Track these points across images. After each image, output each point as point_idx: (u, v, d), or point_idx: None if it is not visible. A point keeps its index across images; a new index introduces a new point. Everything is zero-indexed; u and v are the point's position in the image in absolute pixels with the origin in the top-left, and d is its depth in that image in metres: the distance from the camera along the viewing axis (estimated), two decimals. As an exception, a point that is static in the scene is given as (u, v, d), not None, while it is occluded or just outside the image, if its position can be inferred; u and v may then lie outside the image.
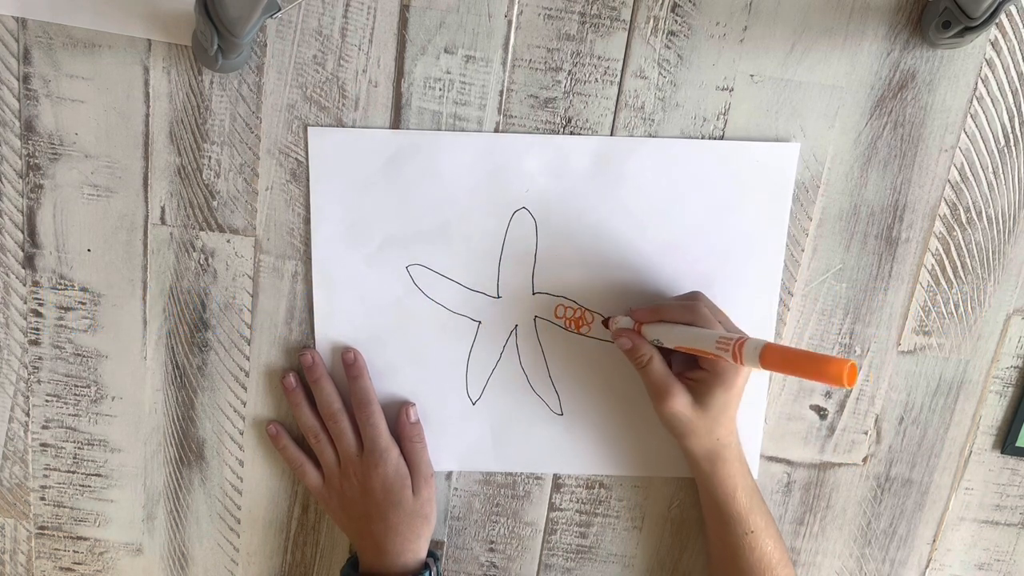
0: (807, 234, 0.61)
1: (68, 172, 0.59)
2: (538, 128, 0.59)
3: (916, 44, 0.58)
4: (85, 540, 0.67)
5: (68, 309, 0.62)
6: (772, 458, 0.65)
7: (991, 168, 0.60)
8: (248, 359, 0.63)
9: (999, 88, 0.58)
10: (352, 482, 0.61)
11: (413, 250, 0.60)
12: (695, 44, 0.57)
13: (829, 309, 0.62)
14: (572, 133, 0.59)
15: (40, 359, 0.63)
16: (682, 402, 0.56)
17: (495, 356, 0.62)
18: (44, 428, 0.65)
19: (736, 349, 0.50)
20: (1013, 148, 0.60)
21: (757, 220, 0.60)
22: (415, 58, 0.58)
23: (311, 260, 0.60)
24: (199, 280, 0.61)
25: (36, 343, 0.63)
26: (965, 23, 0.52)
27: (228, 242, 0.61)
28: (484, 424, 0.64)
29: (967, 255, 0.61)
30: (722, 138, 0.59)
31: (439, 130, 0.59)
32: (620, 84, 0.58)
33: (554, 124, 0.59)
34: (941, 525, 0.67)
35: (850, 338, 0.63)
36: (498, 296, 0.61)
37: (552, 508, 0.66)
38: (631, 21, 0.57)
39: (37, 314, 0.62)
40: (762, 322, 0.62)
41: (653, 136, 0.59)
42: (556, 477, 0.66)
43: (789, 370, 0.49)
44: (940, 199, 0.60)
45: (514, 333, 0.62)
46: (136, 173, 0.59)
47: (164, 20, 0.56)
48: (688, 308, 0.56)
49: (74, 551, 0.68)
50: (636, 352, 0.57)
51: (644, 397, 0.61)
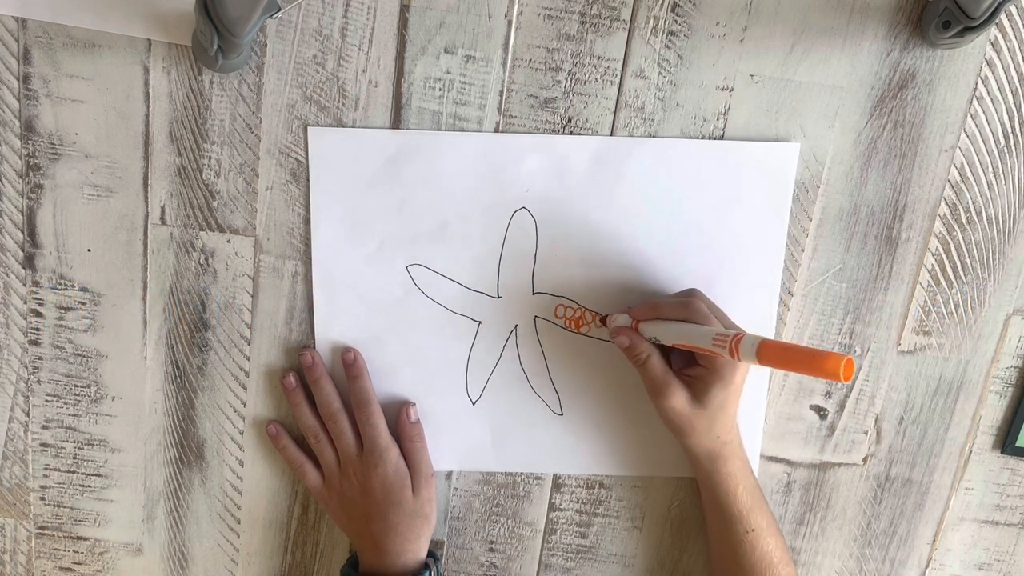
0: (807, 234, 0.61)
1: (68, 172, 0.59)
2: (538, 128, 0.59)
3: (916, 44, 0.58)
4: (85, 540, 0.67)
5: (68, 309, 0.62)
6: (772, 458, 0.65)
7: (991, 168, 0.60)
8: (248, 359, 0.63)
9: (999, 88, 0.58)
10: (352, 482, 0.61)
11: (413, 250, 0.60)
12: (695, 44, 0.57)
13: (829, 309, 0.62)
14: (572, 133, 0.59)
15: (40, 359, 0.63)
16: (680, 399, 0.56)
17: (495, 356, 0.62)
18: (44, 428, 0.65)
19: (733, 345, 0.50)
20: (1013, 148, 0.60)
21: (757, 220, 0.60)
22: (415, 58, 0.58)
23: (311, 260, 0.60)
24: (199, 280, 0.62)
25: (36, 343, 0.63)
26: (965, 23, 0.52)
27: (228, 242, 0.61)
28: (484, 424, 0.64)
29: (967, 255, 0.61)
30: (722, 138, 0.59)
31: (439, 130, 0.59)
32: (620, 84, 0.58)
33: (554, 124, 0.59)
34: (941, 525, 0.67)
35: (850, 338, 0.63)
36: (498, 296, 0.61)
37: (552, 508, 0.66)
38: (631, 21, 0.57)
39: (37, 314, 0.62)
40: (762, 322, 0.62)
41: (653, 136, 0.59)
42: (556, 477, 0.66)
43: (786, 365, 0.49)
44: (940, 199, 0.60)
45: (514, 333, 0.62)
46: (136, 173, 0.59)
47: (164, 20, 0.56)
48: (685, 305, 0.56)
49: (74, 551, 0.68)
50: (634, 350, 0.57)
51: (644, 397, 0.61)
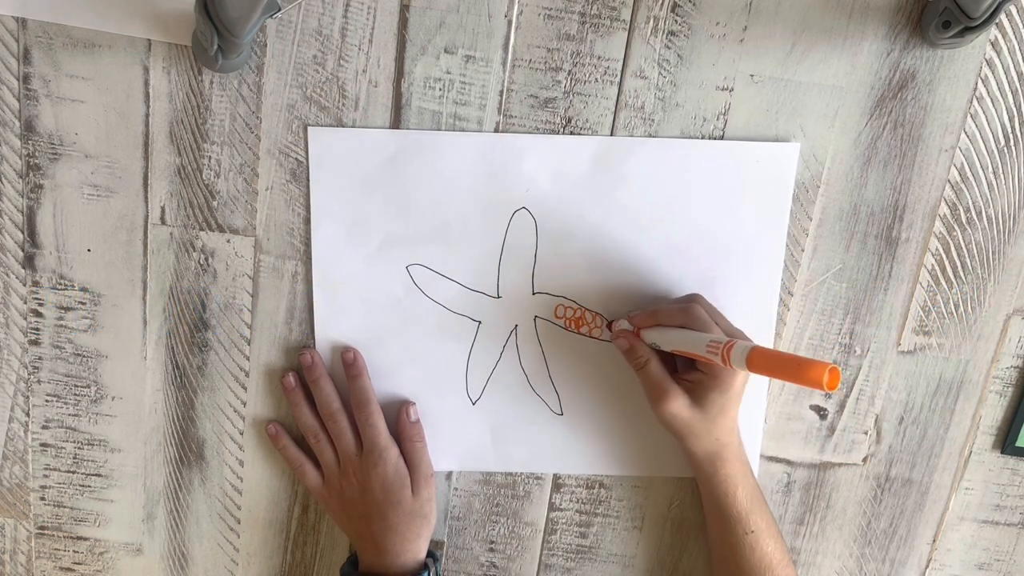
0: (807, 234, 0.61)
1: (68, 172, 0.59)
2: (538, 128, 0.59)
3: (916, 44, 0.58)
4: (85, 540, 0.67)
5: (68, 309, 0.62)
6: (772, 458, 0.65)
7: (991, 168, 0.60)
8: (248, 359, 0.63)
9: (999, 88, 0.58)
10: (351, 482, 0.61)
11: (413, 250, 0.60)
12: (695, 44, 0.57)
13: (829, 309, 0.62)
14: (572, 133, 0.59)
15: (40, 359, 0.63)
16: (679, 403, 0.56)
17: (495, 356, 0.62)
18: (44, 428, 0.65)
19: (724, 352, 0.51)
20: (1013, 148, 0.60)
21: (757, 220, 0.60)
22: (415, 58, 0.58)
23: (311, 260, 0.60)
24: (199, 280, 0.61)
25: (36, 343, 0.63)
26: (965, 23, 0.52)
27: (228, 242, 0.61)
28: (484, 424, 0.64)
29: (967, 255, 0.61)
30: (722, 138, 0.59)
31: (439, 130, 0.59)
32: (620, 84, 0.58)
33: (554, 124, 0.59)
34: (941, 525, 0.67)
35: (850, 338, 0.63)
36: (498, 296, 0.61)
37: (552, 508, 0.66)
38: (631, 21, 0.57)
39: (37, 314, 0.62)
40: (762, 322, 0.62)
41: (653, 136, 0.59)
42: (556, 477, 0.66)
43: (774, 373, 0.49)
44: (940, 199, 0.60)
45: (514, 333, 0.62)
46: (136, 173, 0.59)
47: (164, 20, 0.56)
48: (683, 311, 0.56)
49: (74, 551, 0.67)
50: (634, 354, 0.58)
51: (644, 397, 0.61)
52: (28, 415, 0.64)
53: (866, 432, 0.65)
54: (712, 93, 0.58)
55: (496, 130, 0.59)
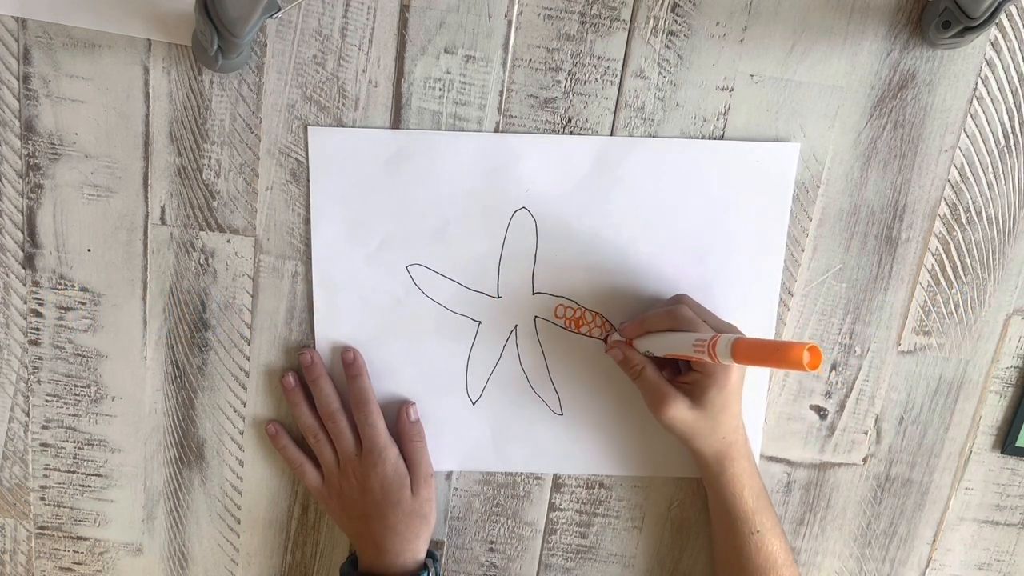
0: (807, 234, 0.61)
1: (68, 172, 0.59)
2: (538, 128, 0.59)
3: (916, 44, 0.58)
4: (85, 540, 0.67)
5: (68, 309, 0.62)
6: (772, 458, 0.65)
7: (991, 168, 0.60)
8: (248, 359, 0.63)
9: (999, 88, 0.58)
10: (351, 482, 0.61)
11: (413, 250, 0.60)
12: (695, 44, 0.57)
13: (829, 309, 0.62)
14: (572, 133, 0.59)
15: (40, 359, 0.63)
16: (679, 407, 0.56)
17: (495, 356, 0.62)
18: (44, 428, 0.65)
19: (710, 349, 0.51)
20: (1013, 148, 0.59)
21: (757, 220, 0.60)
22: (415, 58, 0.58)
23: (311, 260, 0.60)
24: (199, 280, 0.61)
25: (36, 343, 0.63)
26: (965, 23, 0.52)
27: (228, 242, 0.61)
28: (484, 424, 0.64)
29: (967, 255, 0.61)
30: (722, 138, 0.59)
31: (439, 130, 0.59)
32: (620, 84, 0.58)
33: (554, 124, 0.59)
34: (941, 525, 0.67)
35: (850, 338, 0.63)
36: (498, 296, 0.61)
37: (552, 508, 0.66)
38: (631, 21, 0.57)
39: (37, 314, 0.62)
40: (762, 322, 0.62)
41: (653, 136, 0.59)
42: (556, 477, 0.66)
43: (759, 361, 0.49)
44: (940, 199, 0.60)
45: (514, 333, 0.62)
46: (136, 173, 0.59)
47: (164, 20, 0.56)
48: (669, 314, 0.56)
49: (74, 551, 0.68)
50: (628, 363, 0.58)
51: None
52: (28, 415, 0.64)
53: (866, 432, 0.65)
54: (712, 93, 0.58)
55: (496, 130, 0.59)
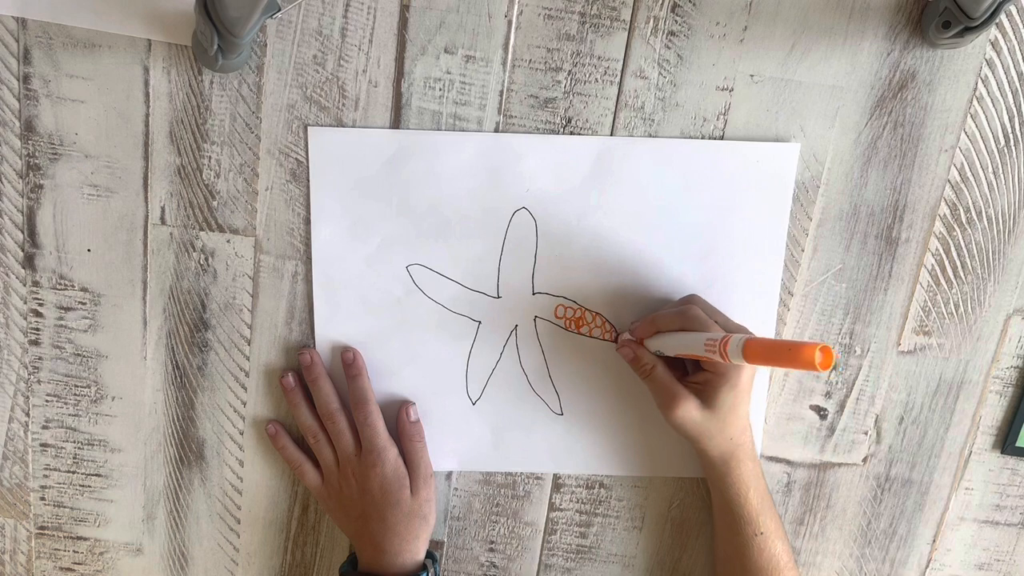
0: (807, 234, 0.61)
1: (68, 172, 0.59)
2: (538, 128, 0.59)
3: (916, 44, 0.58)
4: (85, 540, 0.67)
5: (68, 309, 0.62)
6: (772, 458, 0.65)
7: (991, 168, 0.60)
8: (248, 359, 0.63)
9: (999, 88, 0.58)
10: (351, 482, 0.61)
11: (413, 250, 0.60)
12: (695, 44, 0.57)
13: (829, 309, 0.62)
14: (572, 133, 0.59)
15: (40, 359, 0.63)
16: (690, 407, 0.56)
17: (495, 356, 0.62)
18: (44, 428, 0.65)
19: (722, 348, 0.51)
20: (1013, 148, 0.60)
21: (757, 220, 0.60)
22: (415, 58, 0.58)
23: (311, 260, 0.60)
24: (199, 280, 0.61)
25: (36, 343, 0.63)
26: (965, 23, 0.52)
27: (228, 242, 0.61)
28: (484, 424, 0.64)
29: (967, 255, 0.61)
30: (722, 138, 0.59)
31: (439, 130, 0.59)
32: (620, 84, 0.58)
33: (554, 124, 0.59)
34: (941, 525, 0.67)
35: (850, 338, 0.63)
36: (498, 296, 0.61)
37: (552, 508, 0.66)
38: (631, 21, 0.57)
39: (37, 314, 0.62)
40: (762, 322, 0.62)
41: (653, 136, 0.59)
42: (556, 477, 0.66)
43: (770, 361, 0.49)
44: (940, 199, 0.60)
45: (514, 333, 0.62)
46: (136, 173, 0.59)
47: (164, 20, 0.56)
48: (680, 314, 0.56)
49: (74, 551, 0.68)
50: (639, 362, 0.58)
51: (644, 397, 0.61)
52: (28, 415, 0.64)
53: (866, 432, 0.65)
54: (712, 93, 0.58)
55: (496, 130, 0.59)
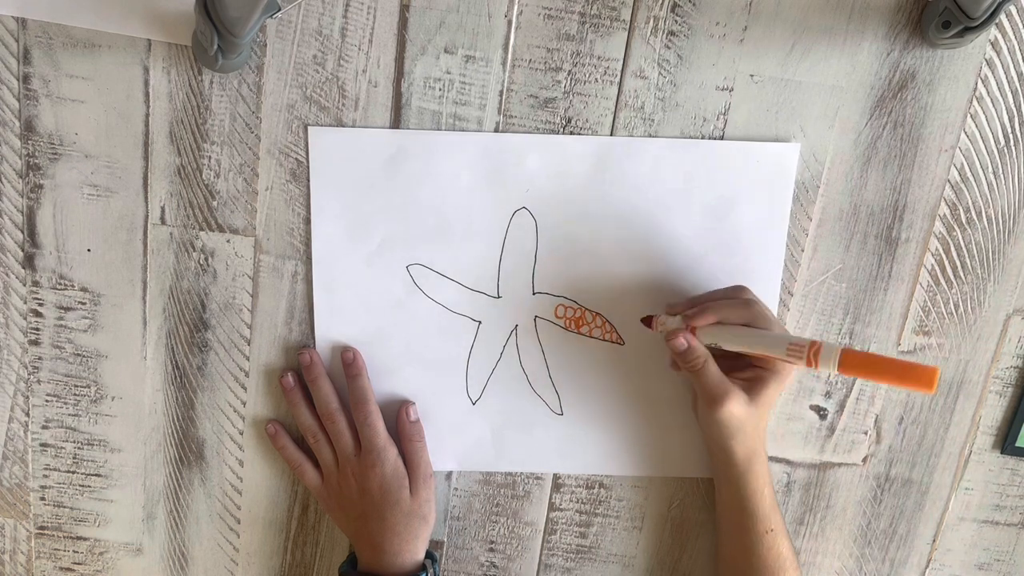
0: (807, 234, 0.61)
1: (68, 172, 0.59)
2: (538, 128, 0.59)
3: (916, 44, 0.58)
4: (85, 540, 0.67)
5: (68, 309, 0.62)
6: (772, 458, 0.65)
7: (991, 168, 0.60)
8: (248, 359, 0.63)
9: (999, 88, 0.58)
10: (350, 482, 0.61)
11: (413, 250, 0.60)
12: (695, 44, 0.57)
13: (829, 309, 0.62)
14: (572, 133, 0.59)
15: (40, 359, 0.63)
16: (739, 403, 0.55)
17: (495, 356, 0.62)
18: (44, 428, 0.65)
19: (812, 355, 0.50)
20: (1013, 148, 0.60)
21: (757, 220, 0.60)
22: (415, 58, 0.58)
23: (311, 260, 0.60)
24: (199, 280, 0.62)
25: (36, 343, 0.63)
26: (965, 23, 0.52)
27: (228, 242, 0.61)
28: (484, 424, 0.64)
29: (967, 255, 0.61)
30: (722, 138, 0.59)
31: (439, 130, 0.59)
32: (620, 84, 0.58)
33: (554, 124, 0.59)
34: (941, 525, 0.67)
35: (850, 338, 0.63)
36: (498, 296, 0.61)
37: (552, 508, 0.66)
38: (631, 21, 0.57)
39: (37, 314, 0.62)
40: (762, 322, 0.62)
41: (653, 136, 0.59)
42: (556, 477, 0.66)
43: (870, 375, 0.49)
44: (940, 199, 0.60)
45: (514, 333, 0.62)
46: (136, 173, 0.59)
47: (164, 20, 0.56)
48: (746, 308, 0.55)
49: (74, 551, 0.67)
50: (691, 354, 0.55)
51: (645, 397, 0.62)
52: (28, 415, 0.64)
53: (866, 432, 0.65)
54: (712, 93, 0.58)
55: (496, 130, 0.59)
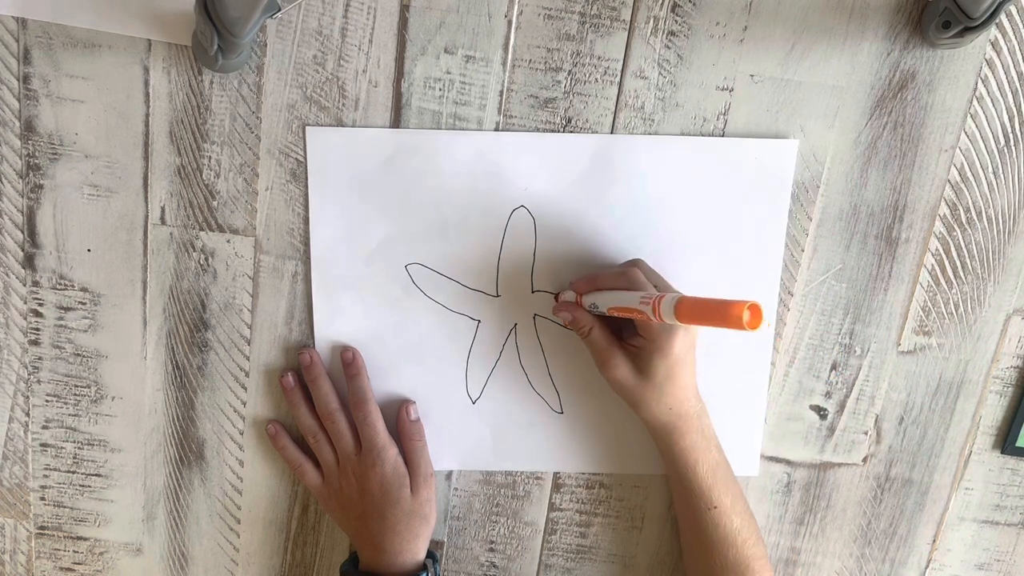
0: (807, 234, 0.61)
1: (68, 172, 0.59)
2: (538, 128, 0.59)
3: (916, 44, 0.58)
4: (85, 540, 0.67)
5: (68, 309, 0.62)
6: (772, 458, 0.65)
7: (991, 168, 0.60)
8: (248, 359, 0.63)
9: (999, 88, 0.58)
10: (350, 481, 0.61)
11: (412, 249, 0.60)
12: (695, 44, 0.57)
13: (829, 309, 0.62)
14: (572, 133, 0.59)
15: (40, 359, 0.63)
16: (623, 369, 0.56)
17: (495, 355, 0.62)
18: (44, 428, 0.65)
19: (656, 305, 0.50)
20: (1013, 148, 0.59)
21: (756, 218, 0.60)
22: (415, 58, 0.58)
23: (311, 260, 0.60)
24: (199, 280, 0.62)
25: (36, 343, 0.63)
26: (965, 23, 0.52)
27: (228, 242, 0.61)
28: (484, 423, 0.64)
29: (967, 255, 0.61)
30: (722, 137, 0.59)
31: (439, 130, 0.59)
32: (620, 84, 0.58)
33: (554, 124, 0.59)
34: (941, 525, 0.67)
35: (850, 338, 0.63)
36: (497, 295, 0.61)
37: (552, 508, 0.66)
38: (631, 21, 0.57)
39: (37, 314, 0.62)
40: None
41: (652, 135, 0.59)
42: (556, 477, 0.66)
43: (702, 320, 0.48)
44: (940, 199, 0.60)
45: (513, 331, 0.62)
46: (136, 173, 0.60)
47: (164, 20, 0.56)
48: (623, 274, 0.56)
49: (74, 551, 0.68)
50: (577, 323, 0.58)
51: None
52: (28, 415, 0.64)
53: (866, 432, 0.65)
54: (712, 93, 0.58)
55: (496, 130, 0.59)
